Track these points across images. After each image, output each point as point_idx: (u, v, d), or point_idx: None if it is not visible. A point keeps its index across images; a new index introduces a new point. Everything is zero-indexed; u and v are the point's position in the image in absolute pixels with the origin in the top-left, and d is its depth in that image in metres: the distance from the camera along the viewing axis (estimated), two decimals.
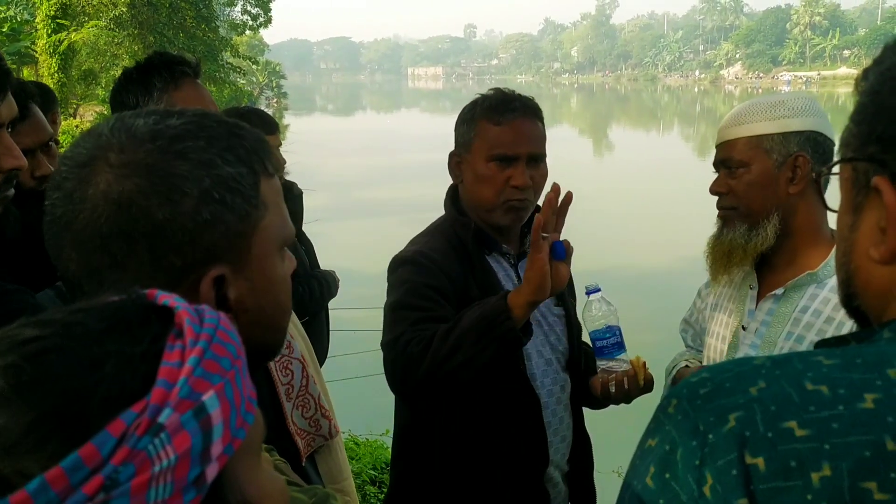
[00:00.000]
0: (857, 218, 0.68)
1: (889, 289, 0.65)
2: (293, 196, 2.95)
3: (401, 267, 1.68)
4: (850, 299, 0.71)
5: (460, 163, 1.74)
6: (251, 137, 0.76)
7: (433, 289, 1.61)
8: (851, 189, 0.69)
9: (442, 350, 1.46)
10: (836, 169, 0.71)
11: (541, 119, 1.73)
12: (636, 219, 15.31)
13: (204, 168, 0.71)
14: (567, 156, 28.83)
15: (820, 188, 1.49)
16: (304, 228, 3.01)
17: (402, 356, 1.51)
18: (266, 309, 0.77)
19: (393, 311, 1.63)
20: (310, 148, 28.38)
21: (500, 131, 1.66)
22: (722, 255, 1.61)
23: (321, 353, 2.87)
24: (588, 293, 1.67)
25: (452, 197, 1.80)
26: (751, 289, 1.64)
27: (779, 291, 1.57)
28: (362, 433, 4.07)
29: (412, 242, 1.76)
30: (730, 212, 1.61)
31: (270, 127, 2.80)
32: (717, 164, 1.63)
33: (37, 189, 1.61)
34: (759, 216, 1.55)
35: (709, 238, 1.67)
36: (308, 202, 3.05)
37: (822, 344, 0.68)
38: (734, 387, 0.60)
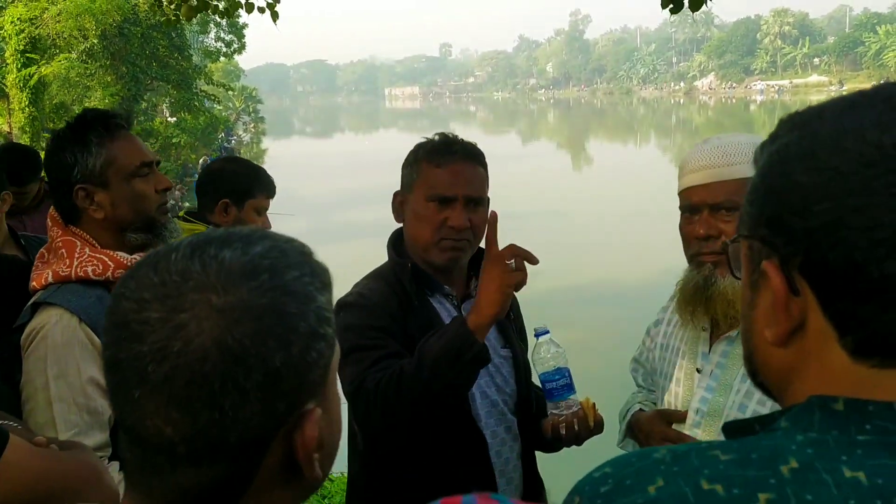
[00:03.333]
0: (754, 295, 0.66)
1: (786, 371, 0.64)
2: None
3: (342, 311, 1.69)
4: (755, 375, 0.70)
5: (403, 203, 1.78)
6: (311, 251, 0.71)
7: (377, 329, 1.64)
8: (749, 265, 0.67)
9: (419, 383, 1.48)
10: None
11: (482, 164, 1.76)
12: (617, 231, 15.39)
13: (307, 302, 0.65)
14: (545, 170, 29.03)
15: None
16: None
17: (376, 399, 1.53)
18: (335, 436, 0.72)
19: (346, 358, 1.62)
20: (288, 171, 28.33)
21: (439, 173, 1.70)
22: (724, 304, 1.47)
23: None
24: (537, 335, 1.66)
25: (395, 241, 1.83)
26: (703, 331, 1.59)
27: (733, 333, 1.52)
28: (335, 469, 3.99)
29: (355, 286, 1.79)
30: (723, 257, 1.44)
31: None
32: (699, 206, 1.50)
33: None
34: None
35: (685, 284, 1.56)
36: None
37: (728, 427, 0.67)
38: (634, 484, 0.59)
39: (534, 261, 1.54)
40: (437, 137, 1.76)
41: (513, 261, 1.50)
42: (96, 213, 1.59)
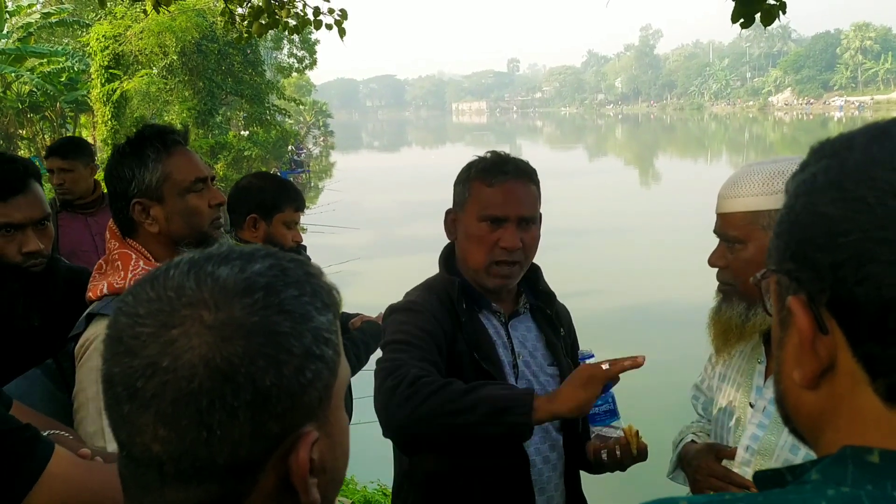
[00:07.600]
0: (783, 335, 0.61)
1: (817, 417, 0.59)
2: None
3: (394, 313, 1.69)
4: (787, 420, 0.64)
5: (455, 220, 1.76)
6: (319, 273, 0.71)
7: (427, 332, 1.61)
8: (777, 302, 0.62)
9: (457, 404, 1.42)
10: None
11: (535, 182, 1.73)
12: (684, 251, 14.99)
13: (304, 322, 0.65)
14: (612, 186, 28.64)
15: None
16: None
17: (412, 386, 1.44)
18: (339, 461, 0.71)
19: (388, 346, 1.60)
20: (355, 185, 28.72)
21: (492, 192, 1.68)
22: (721, 331, 1.53)
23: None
24: (581, 359, 1.62)
25: (446, 256, 1.82)
26: (759, 363, 1.54)
27: None
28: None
29: (406, 294, 1.78)
30: (728, 287, 1.52)
31: None
32: (717, 234, 1.54)
33: (21, 265, 1.63)
34: (756, 295, 1.45)
35: (710, 310, 1.57)
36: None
37: (758, 477, 0.62)
38: None
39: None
40: (489, 155, 1.74)
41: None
42: (151, 227, 1.62)
